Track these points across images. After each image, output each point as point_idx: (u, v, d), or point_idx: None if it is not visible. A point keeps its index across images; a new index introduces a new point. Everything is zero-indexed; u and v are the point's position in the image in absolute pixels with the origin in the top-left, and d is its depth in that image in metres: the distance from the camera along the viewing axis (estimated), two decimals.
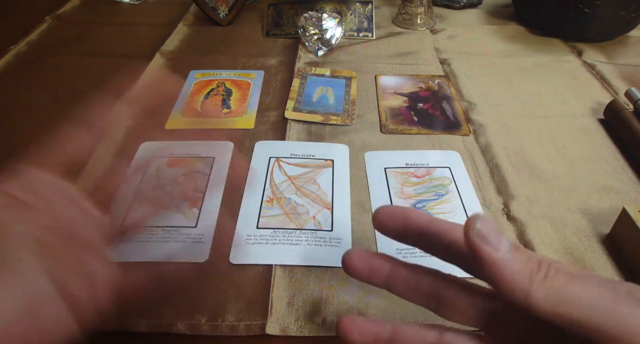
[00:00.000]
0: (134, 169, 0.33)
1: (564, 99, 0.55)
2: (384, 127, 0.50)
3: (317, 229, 0.38)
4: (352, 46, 0.66)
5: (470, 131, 0.50)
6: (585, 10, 0.61)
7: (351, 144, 0.48)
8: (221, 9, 0.71)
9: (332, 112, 0.52)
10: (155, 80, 0.30)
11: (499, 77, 0.59)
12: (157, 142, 0.48)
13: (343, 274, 0.35)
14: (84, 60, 0.63)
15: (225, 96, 0.55)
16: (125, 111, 0.27)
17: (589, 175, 0.44)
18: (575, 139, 0.48)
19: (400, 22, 0.72)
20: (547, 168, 0.44)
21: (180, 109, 0.53)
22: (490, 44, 0.67)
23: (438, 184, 0.43)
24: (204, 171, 0.44)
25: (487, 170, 0.45)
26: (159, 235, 0.38)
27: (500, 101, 0.54)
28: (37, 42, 0.68)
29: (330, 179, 0.43)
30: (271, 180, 0.43)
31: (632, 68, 0.60)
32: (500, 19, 0.74)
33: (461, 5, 0.77)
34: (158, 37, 0.68)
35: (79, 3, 0.81)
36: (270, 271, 0.35)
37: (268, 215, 0.40)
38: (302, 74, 0.59)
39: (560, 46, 0.66)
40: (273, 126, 0.50)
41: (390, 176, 0.44)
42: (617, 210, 0.36)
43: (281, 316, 0.32)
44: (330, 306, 0.33)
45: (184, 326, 0.32)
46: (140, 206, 0.28)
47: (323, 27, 0.62)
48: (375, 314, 0.32)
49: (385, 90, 0.57)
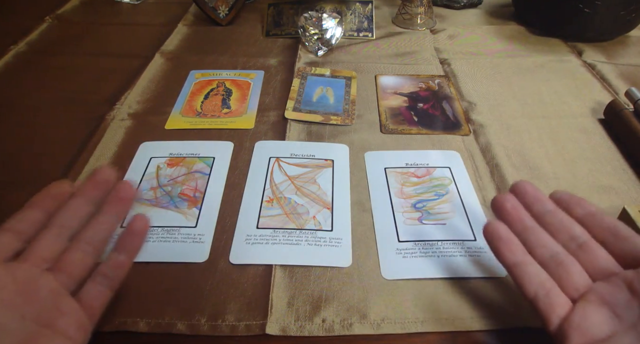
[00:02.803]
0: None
1: (564, 99, 0.55)
2: (384, 127, 0.50)
3: (317, 229, 0.38)
4: (352, 46, 0.66)
5: (470, 131, 0.50)
6: (585, 10, 0.61)
7: (351, 144, 0.48)
8: (221, 9, 0.71)
9: (332, 112, 0.52)
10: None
11: (499, 77, 0.59)
12: (157, 142, 0.48)
13: (343, 274, 0.35)
14: (84, 60, 0.63)
15: (225, 95, 0.55)
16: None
17: (589, 175, 0.44)
18: (575, 139, 0.48)
19: (400, 22, 0.72)
20: (547, 168, 0.44)
21: (180, 109, 0.53)
22: (490, 44, 0.67)
23: (438, 184, 0.43)
24: (204, 171, 0.44)
25: (487, 170, 0.45)
26: (159, 235, 0.38)
27: (500, 101, 0.54)
28: (37, 42, 0.68)
29: (330, 179, 0.43)
30: (271, 180, 0.43)
31: (632, 68, 0.60)
32: (500, 19, 0.74)
33: (461, 5, 0.77)
34: (158, 37, 0.68)
35: (79, 3, 0.81)
36: (270, 271, 0.35)
37: (268, 215, 0.40)
38: (302, 74, 0.59)
39: (560, 46, 0.66)
40: (273, 126, 0.50)
41: (390, 176, 0.44)
42: (617, 210, 0.36)
43: (281, 316, 0.32)
44: (330, 306, 0.33)
45: (184, 326, 0.32)
46: (79, 250, 0.28)
47: (323, 27, 0.62)
48: (375, 314, 0.32)
49: (385, 90, 0.57)
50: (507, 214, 0.30)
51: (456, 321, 0.32)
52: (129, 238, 0.30)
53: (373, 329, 0.31)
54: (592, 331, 0.24)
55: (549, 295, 0.26)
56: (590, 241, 0.28)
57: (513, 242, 0.29)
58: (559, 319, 0.26)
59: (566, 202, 0.31)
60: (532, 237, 0.29)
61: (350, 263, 0.36)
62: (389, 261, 0.36)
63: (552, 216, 0.30)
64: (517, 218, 0.30)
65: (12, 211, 0.28)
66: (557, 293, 0.27)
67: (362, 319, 0.32)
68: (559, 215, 0.30)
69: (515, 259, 0.28)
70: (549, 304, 0.26)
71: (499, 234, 0.29)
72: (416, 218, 0.40)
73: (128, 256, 0.29)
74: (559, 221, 0.30)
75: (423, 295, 0.34)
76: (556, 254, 0.28)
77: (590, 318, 0.25)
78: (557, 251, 0.28)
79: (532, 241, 0.29)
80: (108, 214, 0.30)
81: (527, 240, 0.29)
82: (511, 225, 0.30)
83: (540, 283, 0.27)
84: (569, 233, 0.29)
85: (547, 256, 0.28)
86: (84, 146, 0.47)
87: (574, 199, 0.31)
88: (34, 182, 0.43)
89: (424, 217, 0.40)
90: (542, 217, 0.30)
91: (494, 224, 0.30)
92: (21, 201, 0.29)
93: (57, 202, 0.30)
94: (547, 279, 0.27)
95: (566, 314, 0.26)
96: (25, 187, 0.42)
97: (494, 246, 0.29)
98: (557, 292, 0.27)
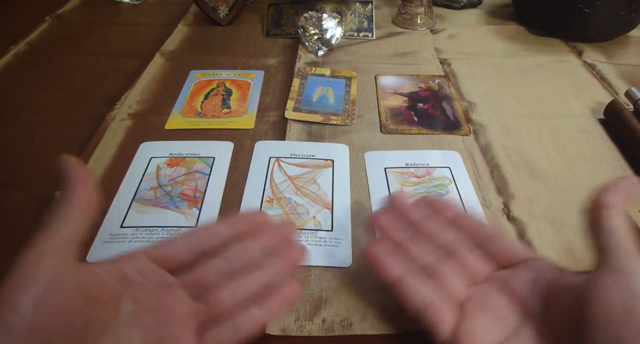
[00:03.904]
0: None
1: (564, 99, 0.55)
2: (384, 127, 0.50)
3: (317, 229, 0.38)
4: (352, 46, 0.66)
5: (470, 131, 0.50)
6: (585, 10, 0.61)
7: (351, 144, 0.48)
8: (221, 9, 0.71)
9: (332, 112, 0.52)
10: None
11: (499, 77, 0.59)
12: (157, 142, 0.48)
13: (343, 274, 0.35)
14: (84, 60, 0.63)
15: (225, 95, 0.55)
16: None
17: (589, 175, 0.44)
18: (575, 139, 0.48)
19: (400, 22, 0.72)
20: (547, 168, 0.44)
21: (180, 109, 0.53)
22: (490, 44, 0.67)
23: (438, 184, 0.43)
24: (204, 171, 0.44)
25: (487, 170, 0.45)
26: (159, 235, 0.38)
27: (500, 101, 0.54)
28: (37, 42, 0.69)
29: (330, 179, 0.43)
30: (271, 180, 0.43)
31: (632, 68, 0.60)
32: (500, 19, 0.74)
33: (461, 5, 0.77)
34: (158, 37, 0.68)
35: (79, 3, 0.81)
36: None
37: (268, 215, 0.40)
38: (302, 74, 0.59)
39: (560, 46, 0.66)
40: (273, 126, 0.50)
41: (390, 176, 0.44)
42: None
43: (281, 316, 0.32)
44: (330, 306, 0.33)
45: None
46: (231, 290, 0.27)
47: (323, 27, 0.62)
48: (375, 314, 0.32)
49: (385, 90, 0.57)
50: (383, 232, 0.31)
51: None
52: (276, 298, 0.28)
53: (373, 329, 0.31)
54: (483, 341, 0.24)
55: (432, 307, 0.27)
56: (460, 245, 0.29)
57: (388, 260, 0.29)
58: (449, 331, 0.26)
59: (434, 207, 0.32)
60: (407, 250, 0.30)
61: (350, 263, 0.36)
62: None
63: (423, 224, 0.31)
64: (391, 235, 0.31)
65: (12, 211, 0.29)
66: (440, 303, 0.27)
67: (362, 319, 0.32)
68: (428, 224, 0.31)
69: (394, 275, 0.28)
70: (434, 315, 0.26)
71: (374, 256, 0.30)
72: None
73: (266, 315, 0.27)
74: (429, 229, 0.30)
75: None
76: (428, 265, 0.28)
77: (476, 329, 0.25)
78: (431, 261, 0.29)
79: (408, 254, 0.29)
80: (271, 268, 0.29)
81: (404, 254, 0.30)
82: (388, 242, 0.31)
83: (422, 297, 0.27)
84: (439, 240, 0.29)
85: (422, 267, 0.28)
86: (84, 146, 0.47)
87: (440, 203, 0.32)
88: (34, 183, 0.43)
89: None
90: (418, 226, 0.31)
91: (369, 246, 0.30)
92: (21, 201, 0.29)
93: (248, 229, 0.30)
94: (428, 291, 0.27)
95: (454, 326, 0.26)
96: (25, 187, 0.43)
97: (373, 269, 0.30)
98: (439, 303, 0.27)
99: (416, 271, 0.28)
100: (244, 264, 0.28)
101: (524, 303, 0.26)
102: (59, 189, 0.28)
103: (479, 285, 0.27)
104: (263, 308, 0.27)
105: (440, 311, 0.26)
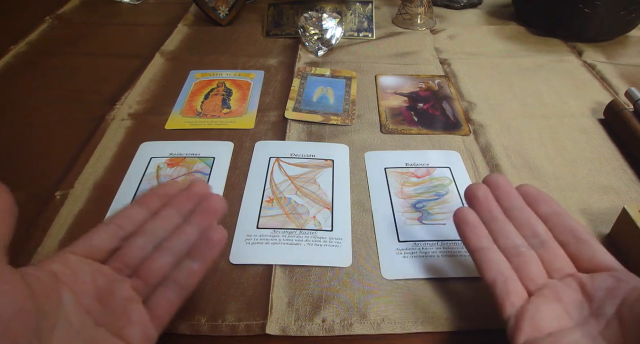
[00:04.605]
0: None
1: (564, 99, 0.55)
2: (384, 127, 0.50)
3: (317, 229, 0.38)
4: (352, 46, 0.66)
5: (470, 131, 0.50)
6: (585, 10, 0.61)
7: (351, 144, 0.48)
8: (221, 9, 0.71)
9: (332, 112, 0.52)
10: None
11: (499, 77, 0.59)
12: (157, 142, 0.48)
13: (343, 274, 0.35)
14: (84, 60, 0.63)
15: (226, 96, 0.55)
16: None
17: (589, 175, 0.44)
18: (575, 139, 0.48)
19: (400, 22, 0.72)
20: (547, 168, 0.44)
21: (181, 109, 0.53)
22: (490, 44, 0.67)
23: (438, 184, 0.43)
24: (204, 171, 0.44)
25: (487, 170, 0.45)
26: None
27: (500, 101, 0.54)
28: (37, 42, 0.68)
29: (330, 179, 0.43)
30: (271, 180, 0.43)
31: (632, 68, 0.60)
32: (500, 19, 0.74)
33: (461, 5, 0.77)
34: (158, 37, 0.68)
35: (79, 3, 0.81)
36: (270, 271, 0.35)
37: (268, 215, 0.40)
38: (302, 74, 0.59)
39: (560, 46, 0.66)
40: (273, 126, 0.50)
41: (390, 176, 0.44)
42: (617, 210, 0.36)
43: (281, 316, 0.32)
44: (330, 306, 0.33)
45: (184, 326, 0.32)
46: (160, 258, 0.28)
47: (323, 27, 0.62)
48: (375, 314, 0.32)
49: (385, 90, 0.57)
50: (477, 203, 0.32)
51: (456, 321, 0.32)
52: (205, 246, 0.29)
53: (373, 329, 0.31)
54: (543, 324, 0.25)
55: (506, 283, 0.27)
56: (551, 240, 0.29)
57: (479, 229, 0.30)
58: (513, 308, 0.26)
59: (533, 197, 0.32)
60: (497, 227, 0.30)
61: (350, 263, 0.36)
62: (389, 261, 0.36)
63: (519, 211, 0.31)
64: (487, 208, 0.31)
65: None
66: (515, 282, 0.28)
67: (362, 319, 0.32)
68: (525, 212, 0.31)
69: (479, 245, 0.29)
70: (506, 291, 0.27)
71: (466, 219, 0.31)
72: (416, 218, 0.40)
73: (202, 265, 0.28)
74: (525, 217, 0.31)
75: (423, 295, 0.34)
76: (517, 246, 0.29)
77: (543, 312, 0.26)
78: (519, 244, 0.29)
79: (497, 230, 0.30)
80: (193, 224, 0.30)
81: (492, 229, 0.30)
82: (480, 213, 0.31)
83: (500, 271, 0.28)
84: (532, 230, 0.30)
85: (509, 247, 0.29)
86: (84, 146, 0.47)
87: (541, 196, 0.32)
88: (34, 183, 0.43)
89: (424, 217, 0.40)
90: (510, 212, 0.31)
91: (464, 210, 0.31)
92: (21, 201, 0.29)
93: (162, 203, 0.31)
94: (506, 268, 0.28)
95: (521, 305, 0.26)
96: (25, 187, 0.43)
97: (461, 230, 0.31)
98: (514, 281, 0.28)
99: (501, 248, 0.29)
100: (168, 232, 0.29)
101: (595, 305, 0.26)
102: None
103: (558, 279, 0.28)
104: (196, 259, 0.28)
105: (512, 289, 0.27)
